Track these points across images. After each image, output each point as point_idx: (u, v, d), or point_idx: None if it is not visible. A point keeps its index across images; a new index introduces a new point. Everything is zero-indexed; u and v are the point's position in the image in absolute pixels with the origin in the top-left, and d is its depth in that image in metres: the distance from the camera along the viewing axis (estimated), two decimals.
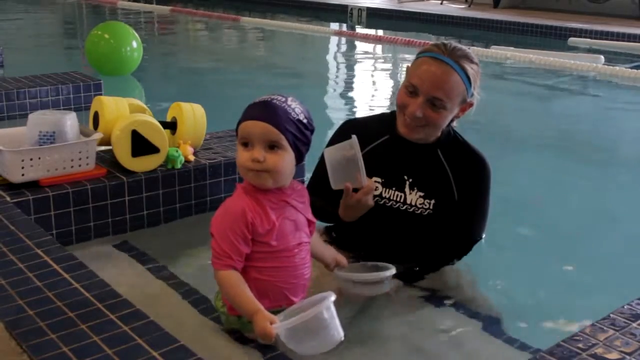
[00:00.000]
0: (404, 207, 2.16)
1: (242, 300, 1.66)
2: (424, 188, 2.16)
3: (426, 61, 2.06)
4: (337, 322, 1.59)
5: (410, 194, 2.16)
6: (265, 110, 1.69)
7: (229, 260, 1.67)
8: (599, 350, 1.48)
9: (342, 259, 2.02)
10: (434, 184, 2.16)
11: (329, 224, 2.29)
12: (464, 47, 2.12)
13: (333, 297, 1.58)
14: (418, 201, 2.15)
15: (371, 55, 8.24)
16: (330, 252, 2.02)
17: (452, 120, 2.17)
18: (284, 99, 1.73)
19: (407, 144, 2.17)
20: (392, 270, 2.01)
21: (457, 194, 2.15)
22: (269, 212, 1.72)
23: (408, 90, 2.07)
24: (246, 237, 1.68)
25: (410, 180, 2.17)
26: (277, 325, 1.57)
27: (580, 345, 1.50)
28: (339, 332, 1.60)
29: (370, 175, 2.17)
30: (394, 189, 2.17)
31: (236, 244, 1.67)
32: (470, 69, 2.07)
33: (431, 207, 2.14)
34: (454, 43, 2.11)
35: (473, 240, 2.21)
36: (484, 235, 2.23)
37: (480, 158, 2.19)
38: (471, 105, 2.12)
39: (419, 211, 2.15)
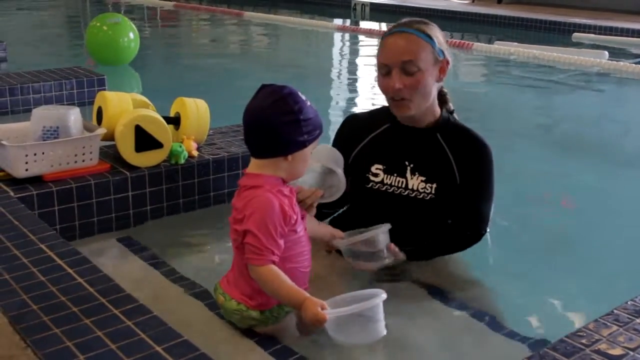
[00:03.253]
0: (406, 193, 2.17)
1: (288, 291, 1.68)
2: (425, 172, 2.17)
3: (385, 40, 2.13)
4: (383, 318, 1.62)
5: (411, 179, 2.17)
6: None
7: (271, 256, 1.69)
8: (602, 346, 1.48)
9: (338, 231, 2.04)
10: (435, 167, 2.17)
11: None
12: (413, 18, 2.18)
13: (385, 295, 1.61)
14: (420, 186, 2.16)
15: (374, 50, 8.21)
16: (326, 228, 2.05)
17: (445, 102, 2.22)
18: None
19: (407, 130, 2.20)
20: (387, 225, 2.01)
21: (459, 176, 2.16)
22: (294, 202, 1.78)
23: (382, 73, 2.12)
24: (284, 230, 1.72)
25: (412, 165, 2.18)
26: (331, 311, 1.59)
27: (583, 340, 1.50)
28: (383, 328, 1.62)
29: (372, 162, 2.21)
30: (395, 175, 2.19)
31: (277, 239, 1.70)
32: (426, 28, 2.10)
33: (433, 192, 2.15)
34: (405, 19, 2.17)
35: (480, 222, 2.19)
36: (490, 217, 2.21)
37: (480, 141, 2.19)
38: (447, 63, 2.14)
39: (420, 196, 2.16)
